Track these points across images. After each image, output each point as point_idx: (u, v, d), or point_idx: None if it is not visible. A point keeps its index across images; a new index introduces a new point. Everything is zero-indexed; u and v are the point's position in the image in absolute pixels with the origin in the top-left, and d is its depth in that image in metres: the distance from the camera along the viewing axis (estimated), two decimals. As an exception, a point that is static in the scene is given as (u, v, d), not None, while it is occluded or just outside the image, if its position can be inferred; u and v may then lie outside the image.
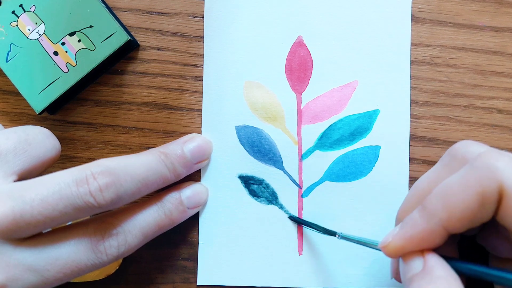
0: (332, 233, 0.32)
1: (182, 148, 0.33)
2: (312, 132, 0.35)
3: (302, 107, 0.35)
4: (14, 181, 0.28)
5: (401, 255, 0.28)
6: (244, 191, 0.35)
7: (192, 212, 0.34)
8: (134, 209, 0.31)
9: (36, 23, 0.33)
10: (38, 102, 0.33)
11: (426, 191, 0.28)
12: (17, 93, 0.34)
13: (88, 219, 0.30)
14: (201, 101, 0.35)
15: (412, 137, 0.35)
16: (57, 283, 0.28)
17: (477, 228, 0.30)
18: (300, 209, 0.35)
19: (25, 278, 0.27)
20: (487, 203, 0.25)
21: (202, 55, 0.35)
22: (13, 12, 0.33)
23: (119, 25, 0.33)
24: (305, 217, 0.35)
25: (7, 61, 0.33)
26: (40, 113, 0.34)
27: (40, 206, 0.27)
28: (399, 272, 0.29)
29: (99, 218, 0.30)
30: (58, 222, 0.27)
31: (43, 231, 0.29)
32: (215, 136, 0.35)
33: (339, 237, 0.31)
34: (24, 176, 0.29)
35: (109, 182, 0.28)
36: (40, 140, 0.30)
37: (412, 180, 0.35)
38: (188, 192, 0.34)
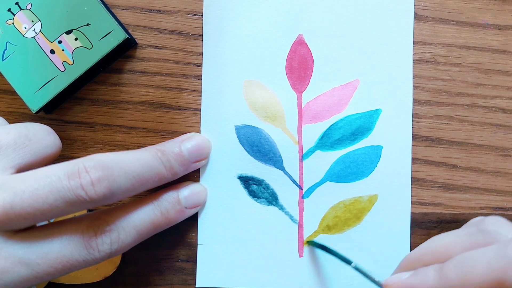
0: (348, 262, 0.32)
1: (180, 146, 0.32)
2: (313, 132, 0.34)
3: (302, 107, 0.35)
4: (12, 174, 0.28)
5: None
6: (243, 192, 0.35)
7: (190, 212, 0.33)
8: (129, 206, 0.31)
9: (33, 21, 0.33)
10: (35, 101, 0.33)
11: (443, 252, 0.29)
12: (13, 92, 0.34)
13: (82, 215, 0.30)
14: (200, 100, 0.35)
15: (414, 137, 0.34)
16: (48, 277, 0.28)
17: None
18: (300, 210, 0.34)
19: (15, 271, 0.27)
20: None
21: (201, 54, 0.35)
22: (9, 10, 0.33)
23: (116, 23, 0.33)
24: (306, 217, 0.34)
25: (3, 60, 0.33)
26: (36, 113, 0.33)
27: (30, 199, 0.26)
28: None
29: (93, 215, 0.30)
30: (49, 216, 0.27)
31: (37, 225, 0.29)
32: (214, 135, 0.35)
33: (353, 267, 0.31)
34: (22, 171, 0.29)
35: (102, 176, 0.27)
36: (41, 137, 0.30)
37: (414, 180, 0.34)
38: (186, 191, 0.33)
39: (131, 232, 0.30)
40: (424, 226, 0.35)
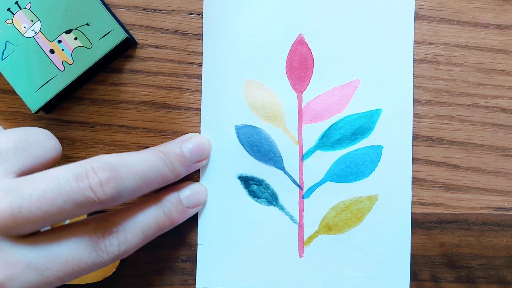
0: None
1: (181, 147, 0.32)
2: (313, 131, 0.34)
3: (302, 106, 0.34)
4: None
5: None
6: (243, 192, 0.34)
7: (192, 212, 0.33)
8: (133, 208, 0.31)
9: (32, 21, 0.33)
10: (34, 101, 0.33)
11: None
12: (12, 92, 0.34)
13: (88, 218, 0.30)
14: (200, 100, 0.35)
15: (415, 137, 0.34)
16: (57, 282, 0.27)
17: None
18: (301, 210, 0.34)
19: (24, 277, 0.26)
20: None
21: (201, 53, 0.34)
22: (8, 9, 0.33)
23: (116, 22, 0.33)
24: (306, 217, 0.34)
25: (2, 59, 0.33)
26: (36, 112, 0.33)
27: (38, 201, 0.26)
28: None
29: (99, 217, 0.30)
30: (57, 218, 0.27)
31: (43, 229, 0.29)
32: (214, 135, 0.34)
33: None
34: (23, 175, 0.28)
35: (110, 177, 0.27)
36: (41, 141, 0.29)
37: (415, 180, 0.34)
38: (187, 191, 0.33)
39: (137, 233, 0.30)
40: (425, 226, 0.34)
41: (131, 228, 0.30)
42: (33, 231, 0.27)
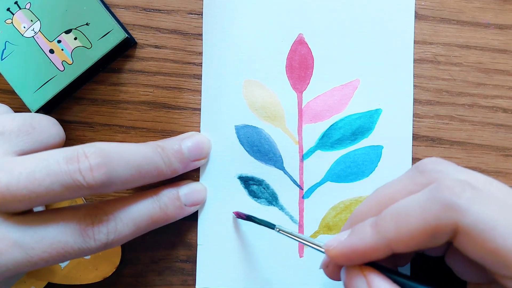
0: (270, 226, 0.31)
1: (180, 144, 0.33)
2: (313, 131, 0.34)
3: (302, 106, 0.34)
4: None
5: (343, 263, 0.28)
6: (243, 192, 0.34)
7: (189, 211, 0.33)
8: (128, 199, 0.31)
9: (32, 21, 0.33)
10: (34, 101, 0.33)
11: (386, 200, 0.28)
12: (12, 92, 0.34)
13: (81, 204, 0.30)
14: (200, 100, 0.35)
15: (415, 137, 0.34)
16: (42, 263, 0.27)
17: (442, 250, 0.30)
18: (301, 210, 0.34)
19: (9, 253, 0.27)
20: (439, 237, 0.25)
21: (200, 53, 0.34)
22: (8, 9, 0.33)
23: (116, 22, 0.33)
24: (306, 217, 0.34)
25: (2, 59, 0.33)
26: (35, 112, 0.33)
27: (26, 180, 0.26)
28: (329, 267, 0.29)
29: (92, 204, 0.30)
30: (44, 199, 0.27)
31: (34, 209, 0.29)
32: (214, 135, 0.34)
33: (278, 231, 0.31)
34: None
35: (101, 163, 0.27)
36: (45, 126, 0.30)
37: (415, 180, 0.34)
38: (186, 189, 0.33)
39: (128, 224, 0.30)
40: (425, 226, 0.34)
41: (122, 218, 0.29)
42: (21, 210, 0.28)
